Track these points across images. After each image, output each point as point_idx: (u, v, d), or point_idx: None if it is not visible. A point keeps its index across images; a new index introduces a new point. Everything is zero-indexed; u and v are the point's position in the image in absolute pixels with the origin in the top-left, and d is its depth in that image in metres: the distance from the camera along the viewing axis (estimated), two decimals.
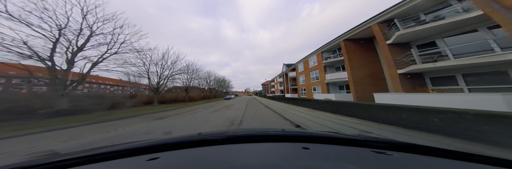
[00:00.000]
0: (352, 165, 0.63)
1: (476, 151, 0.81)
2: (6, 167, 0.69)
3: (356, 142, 1.05)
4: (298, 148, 0.88)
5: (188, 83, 29.67)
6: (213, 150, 0.89)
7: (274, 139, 1.14)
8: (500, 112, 3.29)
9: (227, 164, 0.67)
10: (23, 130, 6.19)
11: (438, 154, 0.80)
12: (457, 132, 3.68)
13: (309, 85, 22.96)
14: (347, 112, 7.60)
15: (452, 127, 3.79)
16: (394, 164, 0.69)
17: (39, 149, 4.15)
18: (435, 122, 4.09)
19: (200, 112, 11.66)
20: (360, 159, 0.75)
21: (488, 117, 3.30)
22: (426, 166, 0.69)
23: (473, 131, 3.44)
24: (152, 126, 6.69)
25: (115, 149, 0.91)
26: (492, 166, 0.67)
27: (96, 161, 0.77)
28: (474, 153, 0.77)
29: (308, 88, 23.47)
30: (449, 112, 3.87)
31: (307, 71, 23.68)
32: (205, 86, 42.22)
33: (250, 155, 0.80)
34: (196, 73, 32.37)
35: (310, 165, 0.62)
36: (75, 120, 8.42)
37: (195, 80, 33.06)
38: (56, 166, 0.74)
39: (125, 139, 4.80)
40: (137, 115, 10.28)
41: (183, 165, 0.68)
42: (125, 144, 1.07)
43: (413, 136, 4.02)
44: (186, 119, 8.68)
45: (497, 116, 3.19)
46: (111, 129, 6.37)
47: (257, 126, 6.48)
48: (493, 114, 3.26)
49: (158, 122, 7.68)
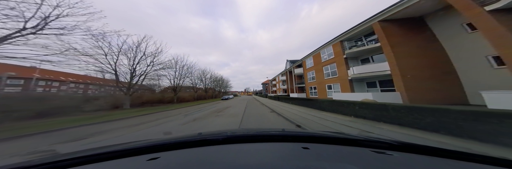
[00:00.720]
0: (352, 165, 0.62)
1: (476, 151, 0.79)
2: (6, 167, 0.69)
3: (356, 142, 1.04)
4: (298, 148, 0.88)
5: (177, 81, 25.37)
6: (213, 150, 0.89)
7: (274, 139, 1.14)
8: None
9: (227, 164, 0.66)
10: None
11: (438, 154, 0.80)
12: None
13: (321, 82, 18.79)
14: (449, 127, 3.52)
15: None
16: (394, 164, 0.69)
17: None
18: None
19: (172, 122, 7.49)
20: (360, 159, 0.75)
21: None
22: (426, 166, 0.69)
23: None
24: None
25: (115, 149, 0.91)
26: (492, 166, 0.67)
27: (96, 161, 0.77)
28: (474, 153, 0.77)
29: (320, 86, 19.30)
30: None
31: (319, 66, 19.50)
32: (199, 85, 37.83)
33: (250, 155, 0.79)
34: (187, 70, 27.92)
35: (310, 165, 0.62)
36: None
37: (186, 78, 28.70)
38: (56, 166, 0.73)
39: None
40: (44, 132, 5.92)
41: (183, 165, 0.68)
42: (125, 144, 1.07)
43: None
44: (115, 141, 4.42)
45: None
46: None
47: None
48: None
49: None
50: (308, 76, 23.48)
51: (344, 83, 14.32)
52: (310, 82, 22.70)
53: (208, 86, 42.34)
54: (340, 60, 14.91)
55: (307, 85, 23.66)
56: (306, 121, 6.59)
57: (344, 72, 14.20)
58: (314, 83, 21.13)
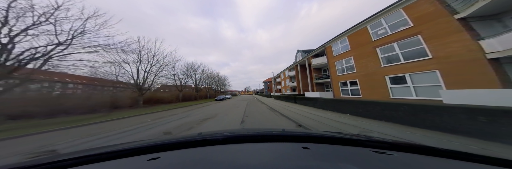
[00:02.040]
0: (353, 165, 0.62)
1: (476, 151, 0.76)
2: (6, 167, 0.68)
3: (356, 142, 1.03)
4: (298, 148, 0.86)
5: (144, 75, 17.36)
6: (214, 150, 0.88)
7: (274, 139, 1.13)
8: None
9: (227, 164, 0.66)
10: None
11: (438, 154, 0.79)
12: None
13: (373, 73, 11.32)
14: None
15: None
16: (395, 164, 0.68)
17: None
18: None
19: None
20: (361, 159, 0.74)
21: None
22: (427, 166, 0.69)
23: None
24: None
25: (116, 149, 0.89)
26: (492, 166, 0.66)
27: (96, 161, 0.76)
28: (474, 153, 0.75)
29: (367, 80, 11.86)
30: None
31: (366, 49, 12.02)
32: (186, 82, 28.69)
33: (250, 155, 0.78)
34: (160, 58, 19.06)
35: (310, 165, 0.62)
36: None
37: (163, 72, 20.83)
38: (56, 166, 0.72)
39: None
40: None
41: (183, 165, 0.68)
42: (125, 144, 1.06)
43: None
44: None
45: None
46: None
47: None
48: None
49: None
50: (336, 68, 16.02)
51: (466, 68, 6.74)
52: (341, 76, 15.23)
53: (201, 83, 34.47)
54: (453, 25, 7.29)
55: (335, 79, 16.17)
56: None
57: (463, 48, 6.70)
58: (351, 77, 13.65)
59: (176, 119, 7.94)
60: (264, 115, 8.17)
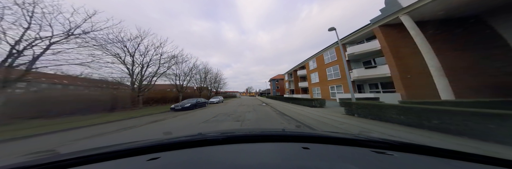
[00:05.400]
0: (353, 165, 0.62)
1: (476, 151, 0.76)
2: (6, 167, 0.68)
3: (356, 142, 1.03)
4: (298, 148, 0.86)
5: None
6: (213, 150, 0.89)
7: (274, 139, 1.12)
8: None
9: (227, 164, 0.66)
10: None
11: (438, 154, 0.79)
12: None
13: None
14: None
15: None
16: (395, 164, 0.68)
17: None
18: None
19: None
20: (360, 159, 0.74)
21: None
22: (427, 166, 0.68)
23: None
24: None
25: (116, 149, 0.90)
26: (492, 166, 0.66)
27: (96, 161, 0.76)
28: (474, 153, 0.75)
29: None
30: None
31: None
32: (169, 80, 19.42)
33: (250, 155, 0.78)
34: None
35: (310, 165, 0.61)
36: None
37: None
38: (56, 166, 0.72)
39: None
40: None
41: (183, 165, 0.68)
42: (125, 144, 1.05)
43: None
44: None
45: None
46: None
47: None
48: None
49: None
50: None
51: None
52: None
53: (186, 82, 22.40)
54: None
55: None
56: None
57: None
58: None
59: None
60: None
